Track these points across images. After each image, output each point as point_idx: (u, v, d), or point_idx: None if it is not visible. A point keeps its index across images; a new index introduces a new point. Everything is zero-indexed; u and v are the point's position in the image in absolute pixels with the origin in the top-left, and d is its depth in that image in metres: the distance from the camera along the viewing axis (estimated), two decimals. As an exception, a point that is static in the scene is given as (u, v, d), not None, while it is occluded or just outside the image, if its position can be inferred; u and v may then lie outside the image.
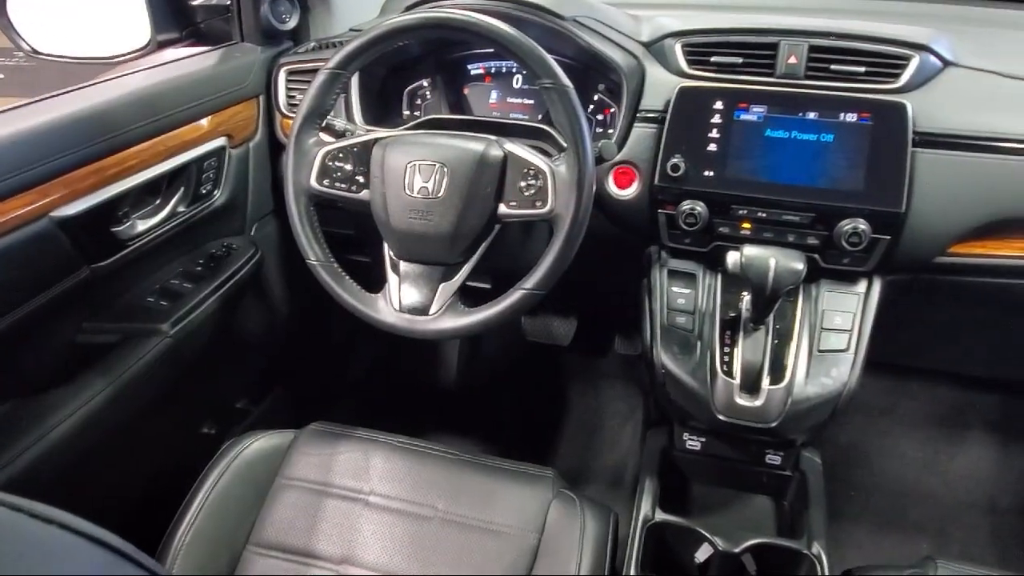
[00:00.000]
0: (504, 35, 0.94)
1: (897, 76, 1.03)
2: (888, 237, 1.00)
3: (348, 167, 1.03)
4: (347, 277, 1.05)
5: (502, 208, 0.99)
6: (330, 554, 1.00)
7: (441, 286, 1.01)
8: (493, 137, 1.01)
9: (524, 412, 1.87)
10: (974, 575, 0.95)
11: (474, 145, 0.98)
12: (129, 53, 1.28)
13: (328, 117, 1.08)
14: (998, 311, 1.21)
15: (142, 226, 1.16)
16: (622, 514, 1.07)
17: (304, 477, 1.08)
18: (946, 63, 1.05)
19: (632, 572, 0.96)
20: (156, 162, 1.15)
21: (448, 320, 1.00)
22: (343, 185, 1.03)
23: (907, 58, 1.04)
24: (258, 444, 1.12)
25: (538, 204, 0.96)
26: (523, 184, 0.97)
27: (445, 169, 0.97)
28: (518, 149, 0.98)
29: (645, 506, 1.06)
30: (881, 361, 1.58)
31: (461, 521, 1.02)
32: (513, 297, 0.97)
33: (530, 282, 0.97)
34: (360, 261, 1.28)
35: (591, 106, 1.27)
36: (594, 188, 0.96)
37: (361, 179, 1.03)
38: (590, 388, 1.88)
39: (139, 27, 1.29)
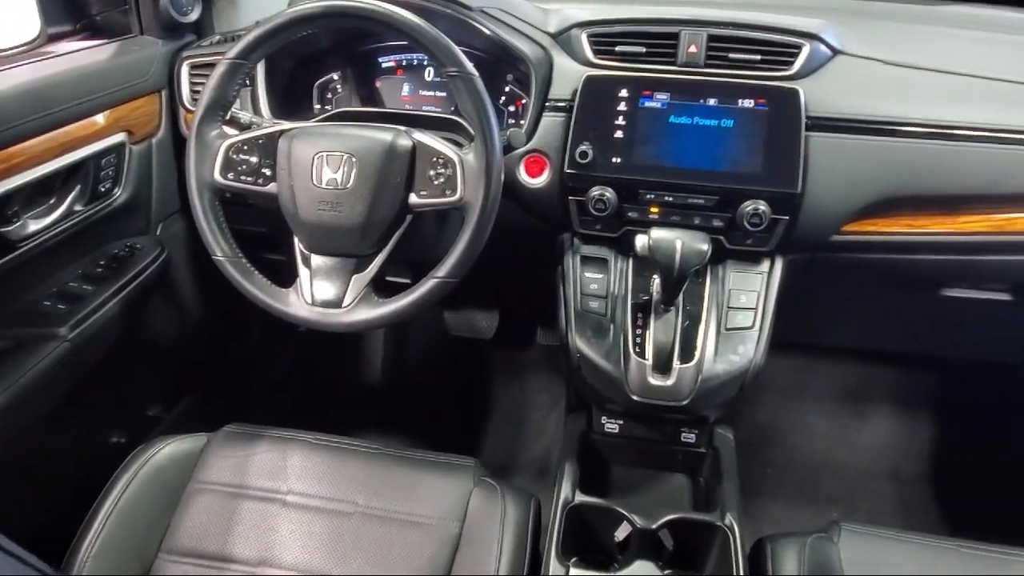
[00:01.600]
0: (407, 23, 0.93)
1: (790, 64, 1.08)
2: (786, 217, 1.04)
3: (253, 159, 1.01)
4: (256, 272, 1.02)
5: (413, 198, 0.99)
6: (247, 557, 0.97)
7: (354, 278, 1.00)
8: (402, 127, 1.01)
9: (450, 407, 1.86)
10: (873, 536, 1.00)
11: (382, 135, 0.98)
12: (16, 47, 1.21)
13: (234, 110, 1.06)
14: (891, 286, 1.27)
15: (35, 226, 1.10)
16: (548, 500, 1.09)
17: (218, 480, 1.05)
18: (835, 52, 1.10)
19: (553, 554, 0.97)
20: (48, 159, 1.09)
21: (362, 312, 0.99)
22: (249, 178, 1.01)
23: (799, 47, 1.08)
24: (169, 449, 1.08)
25: (448, 193, 0.97)
26: (432, 173, 0.97)
27: (353, 160, 0.97)
28: (427, 138, 0.98)
29: (565, 489, 1.08)
30: (789, 341, 1.65)
31: (382, 515, 1.01)
32: (427, 286, 0.97)
33: (443, 270, 0.97)
34: (275, 259, 1.25)
35: (502, 97, 1.28)
36: (503, 176, 0.97)
37: (268, 172, 1.01)
38: (515, 380, 1.89)
39: (27, 18, 1.22)
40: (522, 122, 1.16)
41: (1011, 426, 1.68)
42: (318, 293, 1.00)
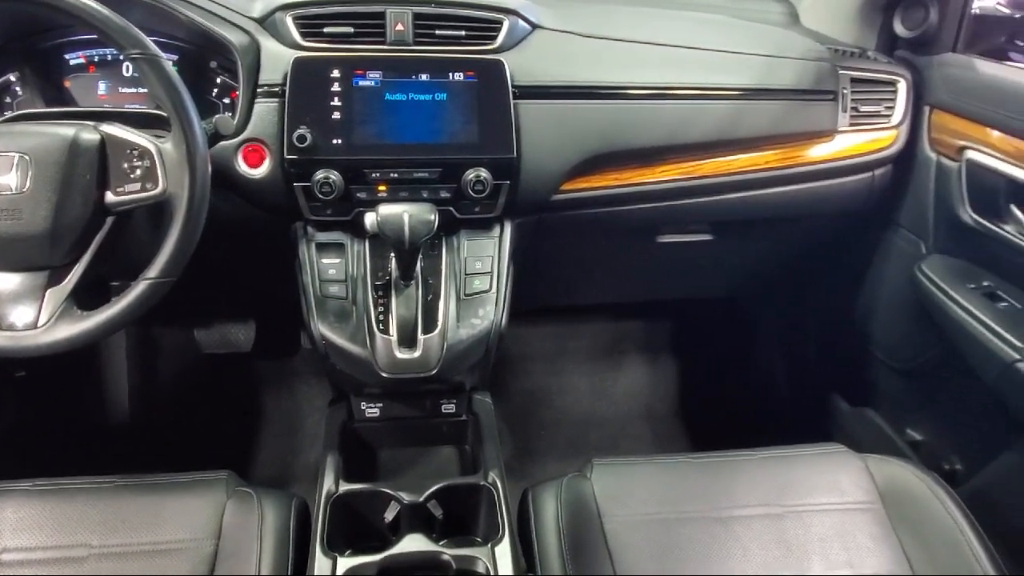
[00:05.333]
0: (71, 3, 0.84)
1: (494, 38, 1.13)
2: (507, 182, 1.09)
3: None
4: None
5: (110, 196, 0.90)
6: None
7: (48, 292, 0.89)
8: (89, 122, 0.91)
9: (213, 429, 1.73)
10: (620, 465, 1.09)
11: (62, 131, 0.88)
12: None
13: None
14: (616, 239, 1.39)
15: None
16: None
17: (-96, 558, 0.89)
18: (534, 26, 1.17)
19: (318, 549, 0.94)
20: None
21: (63, 329, 0.88)
22: None
23: (500, 22, 1.14)
24: None
25: (149, 186, 0.89)
26: (127, 166, 0.89)
27: (28, 159, 0.86)
28: (117, 130, 0.90)
29: (328, 481, 1.04)
30: (544, 307, 1.75)
31: (122, 551, 0.92)
32: (138, 290, 0.89)
33: (155, 270, 0.89)
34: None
35: (215, 89, 1.21)
36: (209, 162, 0.91)
37: None
38: (283, 389, 1.80)
39: None
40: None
41: (738, 352, 1.93)
42: (5, 315, 0.87)
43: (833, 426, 1.63)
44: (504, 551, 0.95)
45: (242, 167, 1.07)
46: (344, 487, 1.04)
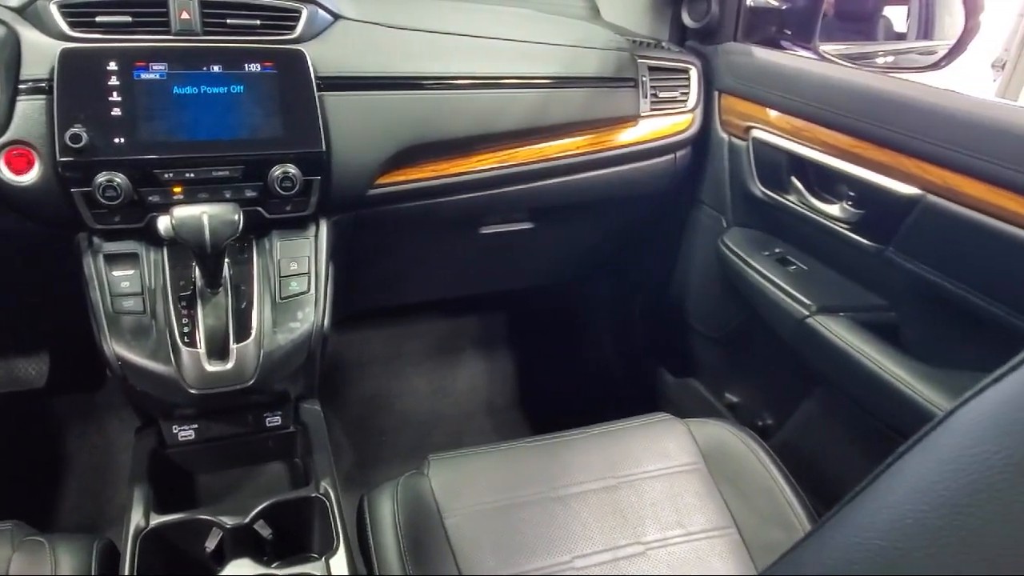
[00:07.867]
0: None
1: (292, 28, 1.07)
2: (318, 177, 1.04)
3: None
4: None
5: None
6: None
7: None
8: None
9: (5, 480, 1.52)
10: (458, 458, 1.07)
11: None
12: None
13: None
14: (440, 232, 1.38)
15: None
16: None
17: None
18: (336, 16, 1.13)
19: (126, 591, 0.84)
20: None
21: None
22: None
23: (298, 11, 1.08)
24: None
25: None
26: None
27: None
28: None
29: (136, 516, 0.94)
30: (376, 308, 1.70)
31: None
32: None
33: None
34: None
35: (-34, 89, 1.05)
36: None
37: None
38: (91, 425, 1.62)
39: None
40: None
41: (572, 336, 1.98)
42: None
43: (661, 398, 1.72)
44: (340, 562, 0.90)
45: (5, 174, 0.94)
46: (156, 520, 0.94)
